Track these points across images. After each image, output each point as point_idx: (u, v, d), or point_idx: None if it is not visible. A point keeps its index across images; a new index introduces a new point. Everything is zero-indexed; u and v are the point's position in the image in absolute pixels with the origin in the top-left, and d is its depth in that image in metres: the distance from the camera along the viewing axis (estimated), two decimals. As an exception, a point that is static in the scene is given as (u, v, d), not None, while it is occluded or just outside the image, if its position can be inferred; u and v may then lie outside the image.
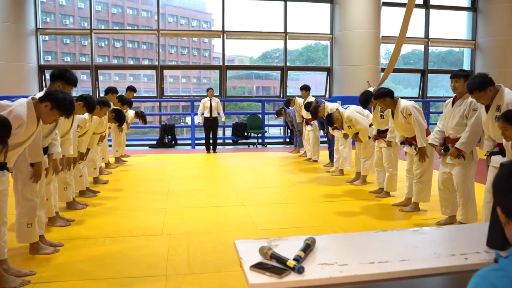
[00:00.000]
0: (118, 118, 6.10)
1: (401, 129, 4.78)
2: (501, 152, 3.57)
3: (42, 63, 11.06)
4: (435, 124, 4.81)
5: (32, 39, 10.49)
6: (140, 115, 8.54)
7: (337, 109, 6.36)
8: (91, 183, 5.99)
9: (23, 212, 3.30)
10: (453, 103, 4.07)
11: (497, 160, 3.59)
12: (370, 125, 5.93)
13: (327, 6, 11.89)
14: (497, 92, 3.46)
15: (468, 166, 4.01)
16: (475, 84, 3.42)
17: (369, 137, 5.99)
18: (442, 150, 4.11)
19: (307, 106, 7.73)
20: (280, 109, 9.98)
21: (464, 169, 4.01)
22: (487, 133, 3.70)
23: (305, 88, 8.50)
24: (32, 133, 3.01)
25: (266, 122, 11.84)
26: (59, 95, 3.01)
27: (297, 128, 9.32)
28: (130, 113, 8.18)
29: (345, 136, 6.68)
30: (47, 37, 19.82)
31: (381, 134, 5.47)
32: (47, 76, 11.45)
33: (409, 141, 4.77)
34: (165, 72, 12.46)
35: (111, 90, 6.99)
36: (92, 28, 11.33)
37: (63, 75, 3.65)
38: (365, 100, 5.56)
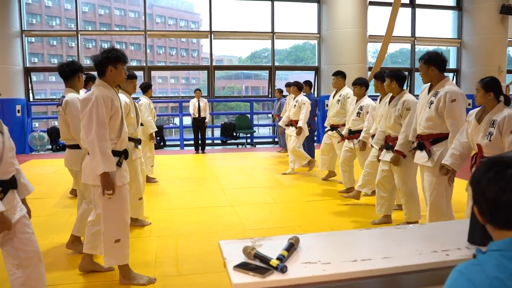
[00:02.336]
0: None
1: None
2: (419, 146, 3.58)
3: (28, 65, 10.93)
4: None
5: (17, 41, 10.35)
6: None
7: None
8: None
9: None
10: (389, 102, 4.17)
11: (420, 156, 3.58)
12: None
13: (314, 5, 11.93)
14: (440, 79, 3.47)
15: (409, 165, 3.97)
16: (426, 56, 3.49)
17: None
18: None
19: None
20: (280, 90, 9.85)
21: (405, 167, 3.99)
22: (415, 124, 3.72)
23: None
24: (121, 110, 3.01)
25: (255, 122, 11.84)
26: (109, 53, 3.01)
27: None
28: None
29: (298, 133, 6.70)
30: (33, 39, 19.60)
31: (353, 134, 5.39)
32: (33, 78, 11.31)
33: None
34: (153, 73, 12.38)
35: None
36: (79, 29, 11.22)
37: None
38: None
